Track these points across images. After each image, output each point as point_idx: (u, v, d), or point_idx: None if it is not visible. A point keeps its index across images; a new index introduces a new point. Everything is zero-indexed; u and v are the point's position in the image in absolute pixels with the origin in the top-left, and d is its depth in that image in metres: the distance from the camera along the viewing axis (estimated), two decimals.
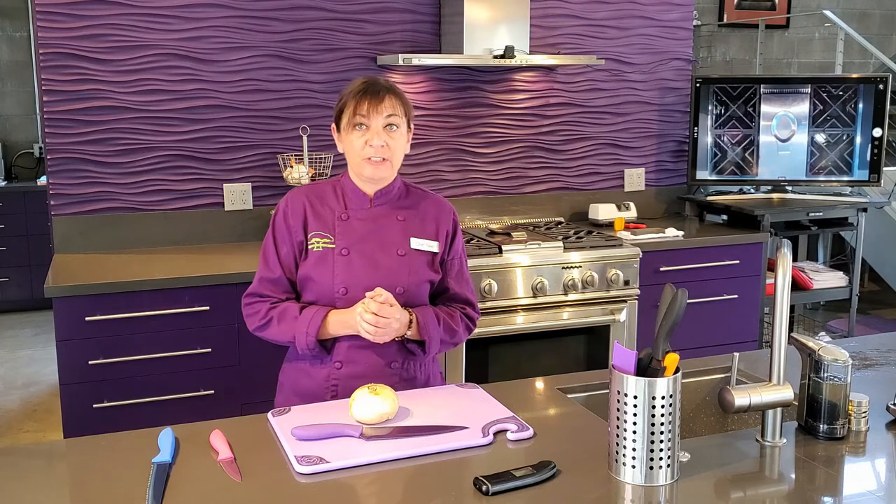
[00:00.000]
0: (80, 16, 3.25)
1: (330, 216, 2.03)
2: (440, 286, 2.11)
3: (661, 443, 1.47)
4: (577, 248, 3.41)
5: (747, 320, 3.82)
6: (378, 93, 1.96)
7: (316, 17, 3.57)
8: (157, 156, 3.43)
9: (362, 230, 2.02)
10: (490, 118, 3.92)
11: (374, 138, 1.96)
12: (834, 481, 1.53)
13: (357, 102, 1.96)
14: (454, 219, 2.13)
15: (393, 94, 1.98)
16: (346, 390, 1.97)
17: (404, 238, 2.04)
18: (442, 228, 2.09)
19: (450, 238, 2.10)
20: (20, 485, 1.50)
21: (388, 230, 2.03)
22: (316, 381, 2.02)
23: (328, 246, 2.00)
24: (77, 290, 2.81)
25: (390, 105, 1.96)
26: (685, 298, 1.51)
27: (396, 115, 1.97)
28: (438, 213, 2.10)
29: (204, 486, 1.49)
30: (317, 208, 2.03)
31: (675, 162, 4.30)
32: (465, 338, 2.15)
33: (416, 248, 2.04)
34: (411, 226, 2.05)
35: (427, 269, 2.05)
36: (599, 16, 4.04)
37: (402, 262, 2.02)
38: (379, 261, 2.00)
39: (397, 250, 2.02)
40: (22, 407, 4.53)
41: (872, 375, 2.03)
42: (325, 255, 2.00)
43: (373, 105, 1.95)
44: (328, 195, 2.06)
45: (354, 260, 1.99)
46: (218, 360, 2.98)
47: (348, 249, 2.00)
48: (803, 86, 4.12)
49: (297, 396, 2.04)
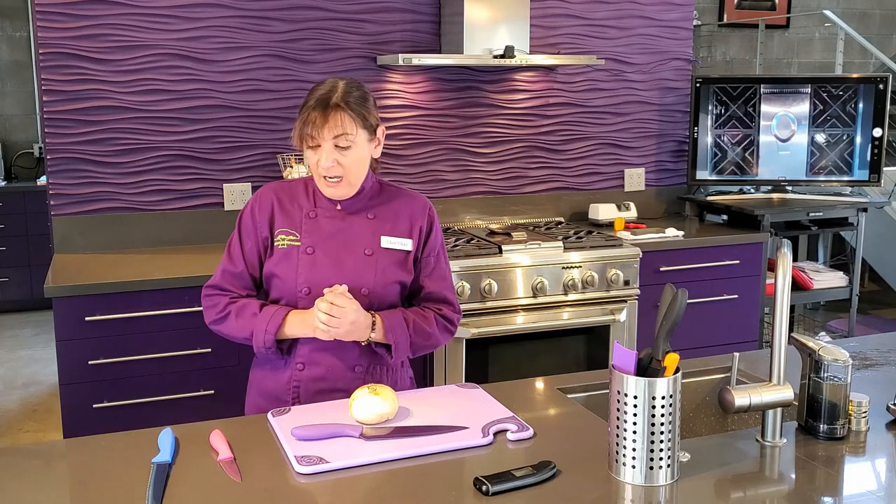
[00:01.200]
0: (80, 16, 3.25)
1: (298, 213, 1.98)
2: (415, 285, 2.04)
3: (661, 443, 1.47)
4: (577, 248, 3.41)
5: (747, 320, 3.82)
6: (325, 109, 1.85)
7: (316, 17, 3.57)
8: (157, 156, 3.43)
9: (330, 228, 1.97)
10: (490, 118, 3.92)
11: (323, 158, 1.88)
12: (834, 481, 1.53)
13: (304, 121, 1.87)
14: (430, 214, 2.04)
15: (342, 110, 1.85)
16: (307, 393, 1.95)
17: (373, 237, 1.98)
18: (416, 225, 2.01)
19: (424, 235, 2.02)
20: (20, 485, 1.50)
21: (355, 229, 1.98)
22: (279, 383, 1.98)
23: (293, 243, 1.95)
24: (77, 290, 2.81)
25: (338, 123, 1.85)
26: (685, 298, 1.51)
27: (346, 134, 1.86)
28: (412, 209, 2.02)
29: (204, 486, 1.49)
30: (285, 205, 1.99)
31: (675, 162, 4.30)
32: (445, 340, 2.05)
33: (386, 246, 1.97)
34: (382, 224, 1.99)
35: (397, 270, 1.98)
36: (599, 16, 4.04)
37: (368, 261, 1.96)
38: (344, 260, 1.94)
39: (364, 250, 1.96)
40: (22, 407, 4.53)
41: (872, 375, 2.03)
42: (289, 252, 1.95)
43: (318, 125, 1.85)
44: (299, 192, 2.01)
45: (319, 259, 1.94)
46: (218, 360, 2.98)
47: (313, 248, 1.95)
48: (803, 86, 4.12)
49: (261, 398, 2.01)
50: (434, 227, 2.05)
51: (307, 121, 1.87)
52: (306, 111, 1.88)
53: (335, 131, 1.87)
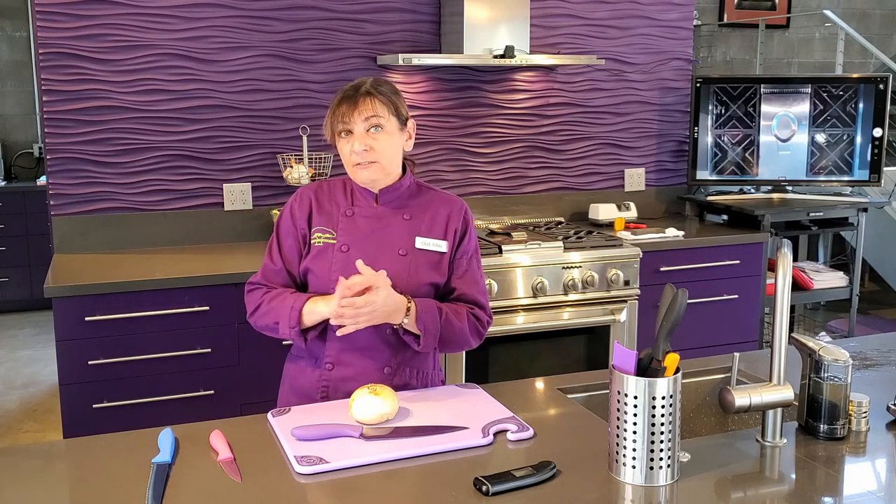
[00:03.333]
0: (80, 16, 3.25)
1: (335, 212, 2.01)
2: (446, 287, 2.04)
3: (661, 443, 1.47)
4: (577, 248, 3.41)
5: (747, 320, 3.82)
6: (355, 97, 1.93)
7: (316, 17, 3.57)
8: (157, 156, 3.43)
9: (366, 228, 2.00)
10: (490, 118, 3.92)
11: (356, 143, 1.93)
12: (834, 481, 1.53)
13: (336, 109, 1.94)
14: (465, 217, 2.06)
15: (372, 96, 1.93)
16: (336, 392, 1.96)
17: (408, 238, 2.00)
18: (451, 227, 2.03)
19: (458, 236, 2.04)
20: (20, 485, 1.50)
21: (391, 229, 2.00)
22: (310, 380, 2.01)
23: (329, 241, 1.98)
24: (77, 290, 2.81)
25: (369, 107, 1.92)
26: (685, 298, 1.51)
27: (378, 116, 1.92)
28: (449, 211, 2.05)
29: (204, 486, 1.49)
30: (323, 203, 2.02)
31: (675, 162, 4.30)
32: (475, 342, 2.03)
33: (421, 247, 2.00)
34: (418, 225, 2.01)
35: (430, 271, 2.00)
36: (599, 16, 4.04)
37: (402, 262, 1.98)
38: (378, 260, 1.96)
39: (399, 250, 1.98)
40: (22, 407, 4.53)
41: (873, 375, 2.03)
42: (325, 249, 1.98)
43: (350, 109, 1.92)
44: (337, 191, 2.04)
45: (354, 257, 1.95)
46: (218, 360, 2.98)
47: (348, 246, 1.97)
48: (803, 86, 4.12)
49: (293, 393, 2.04)
50: (469, 229, 2.07)
51: (339, 108, 1.93)
52: (337, 103, 1.95)
53: (366, 114, 1.92)
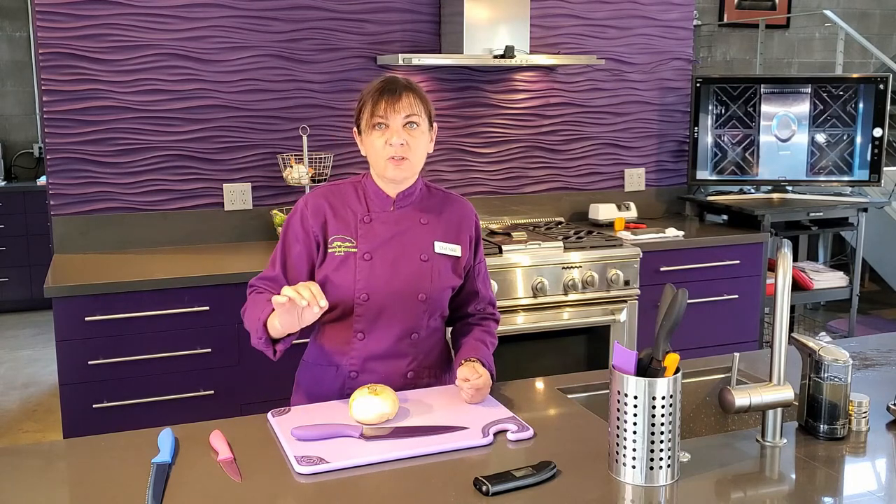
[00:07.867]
0: (80, 16, 3.25)
1: (352, 218, 1.97)
2: (470, 288, 2.08)
3: (661, 443, 1.47)
4: (577, 248, 3.41)
5: (747, 320, 3.82)
6: (396, 91, 1.91)
7: (316, 17, 3.57)
8: (157, 156, 3.43)
9: (385, 234, 1.97)
10: (490, 118, 3.92)
11: (394, 137, 1.90)
12: (834, 481, 1.53)
13: (375, 102, 1.91)
14: (476, 222, 2.09)
15: (412, 93, 1.93)
16: None
17: (428, 242, 1.99)
18: (464, 233, 2.05)
19: (473, 242, 2.07)
20: (20, 485, 1.50)
21: (411, 234, 1.99)
22: (332, 388, 1.99)
23: (350, 250, 1.95)
24: (77, 290, 2.81)
25: (409, 104, 1.91)
26: (685, 298, 1.51)
27: (416, 115, 1.92)
28: (461, 216, 2.06)
29: (204, 486, 1.49)
30: (338, 210, 1.98)
31: (675, 162, 4.30)
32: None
33: (439, 252, 1.99)
34: (435, 229, 2.01)
35: (450, 275, 2.01)
36: (599, 16, 4.04)
37: (424, 267, 1.97)
38: (401, 266, 1.95)
39: (420, 255, 1.97)
40: (22, 407, 4.53)
41: (873, 375, 2.03)
42: (346, 259, 1.94)
43: (390, 104, 1.90)
44: (349, 196, 2.00)
45: (377, 265, 1.94)
46: (218, 360, 2.98)
47: (371, 254, 1.94)
48: (803, 86, 4.12)
49: (310, 401, 1.99)
50: (479, 233, 2.11)
51: (378, 101, 1.91)
52: (374, 95, 1.92)
53: (406, 111, 1.92)
